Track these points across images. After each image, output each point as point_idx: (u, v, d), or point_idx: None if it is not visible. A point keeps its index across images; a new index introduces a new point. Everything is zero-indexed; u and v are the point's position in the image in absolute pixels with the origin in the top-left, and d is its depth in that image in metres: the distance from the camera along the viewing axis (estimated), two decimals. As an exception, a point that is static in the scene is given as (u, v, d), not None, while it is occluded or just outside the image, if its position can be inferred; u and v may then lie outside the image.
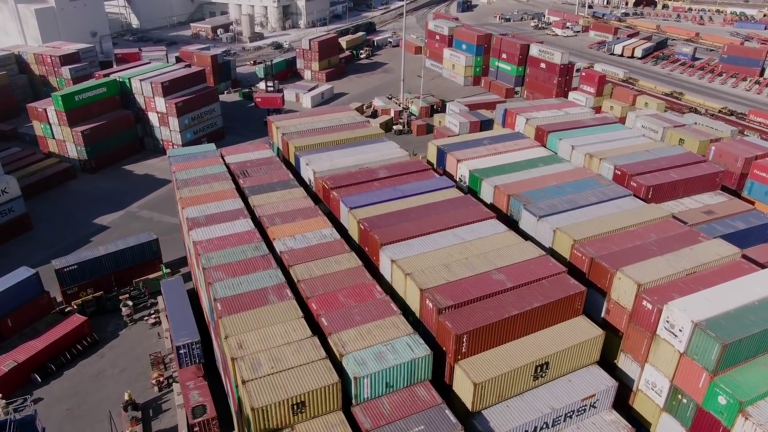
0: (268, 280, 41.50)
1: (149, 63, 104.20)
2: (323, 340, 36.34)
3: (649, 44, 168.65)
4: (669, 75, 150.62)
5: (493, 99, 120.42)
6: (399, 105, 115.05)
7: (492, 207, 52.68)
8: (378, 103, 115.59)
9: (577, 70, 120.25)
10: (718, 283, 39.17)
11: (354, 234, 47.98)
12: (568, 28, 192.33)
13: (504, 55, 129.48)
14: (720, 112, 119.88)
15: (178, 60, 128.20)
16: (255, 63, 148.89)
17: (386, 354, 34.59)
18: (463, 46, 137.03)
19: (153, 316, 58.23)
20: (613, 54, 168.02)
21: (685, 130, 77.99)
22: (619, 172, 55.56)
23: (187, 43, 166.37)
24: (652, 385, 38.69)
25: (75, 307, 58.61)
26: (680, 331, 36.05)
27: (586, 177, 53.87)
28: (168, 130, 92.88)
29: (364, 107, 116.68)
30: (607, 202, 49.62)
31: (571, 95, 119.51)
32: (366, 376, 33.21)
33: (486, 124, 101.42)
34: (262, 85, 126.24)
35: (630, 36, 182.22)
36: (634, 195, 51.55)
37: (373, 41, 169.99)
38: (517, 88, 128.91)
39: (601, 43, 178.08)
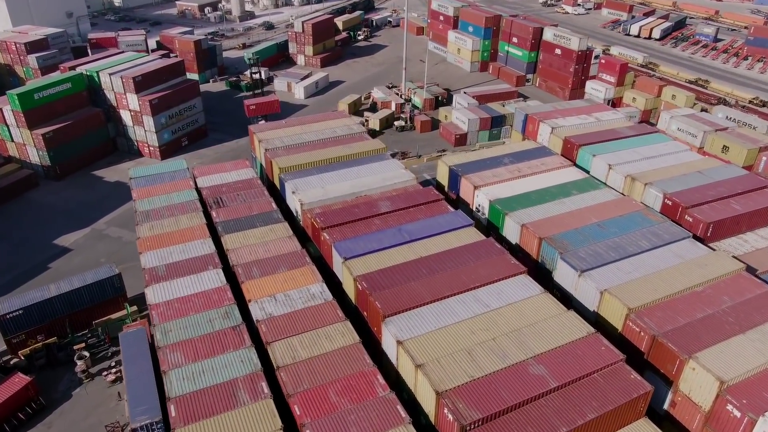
0: (240, 367, 32.33)
1: (123, 53, 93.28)
2: (309, 463, 27.40)
3: (667, 24, 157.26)
4: (691, 59, 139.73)
5: (503, 89, 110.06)
6: (400, 96, 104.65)
7: (517, 247, 43.39)
8: (377, 94, 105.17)
9: (596, 57, 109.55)
10: (825, 378, 30.16)
11: (350, 291, 38.72)
12: (579, 5, 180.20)
13: (515, 39, 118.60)
14: (751, 102, 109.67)
15: (159, 45, 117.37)
16: (244, 46, 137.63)
17: (393, 494, 25.66)
18: (470, 29, 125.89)
19: (113, 370, 49.15)
20: (628, 34, 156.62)
21: (729, 135, 68.09)
22: (670, 203, 46.09)
23: (172, 23, 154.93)
24: None
25: (22, 358, 49.52)
26: (784, 454, 27.09)
27: (632, 211, 44.42)
28: (143, 130, 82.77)
29: (363, 98, 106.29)
30: (663, 248, 40.34)
31: (589, 85, 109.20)
32: None
33: (497, 121, 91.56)
34: (250, 72, 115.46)
35: (646, 14, 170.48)
36: (693, 236, 42.17)
37: (372, 21, 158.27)
38: (529, 76, 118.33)
39: (615, 22, 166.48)
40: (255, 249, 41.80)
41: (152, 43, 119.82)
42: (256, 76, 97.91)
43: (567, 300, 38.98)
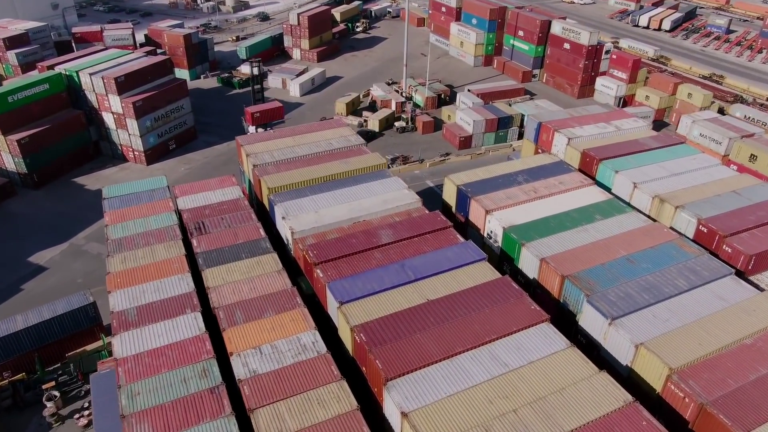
0: (218, 443, 27.59)
1: (106, 50, 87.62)
2: None
3: (677, 15, 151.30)
4: (703, 52, 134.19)
5: (508, 85, 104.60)
6: (401, 93, 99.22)
7: (535, 283, 38.56)
8: (377, 92, 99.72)
9: (606, 52, 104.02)
10: None
11: (347, 341, 33.89)
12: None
13: (521, 33, 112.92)
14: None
15: (147, 39, 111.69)
16: (238, 39, 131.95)
17: None
18: (473, 21, 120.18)
19: (86, 413, 44.45)
20: (637, 26, 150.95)
21: (756, 142, 63.12)
22: (705, 230, 41.18)
23: (163, 14, 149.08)
24: None
25: (-15, 398, 44.84)
26: None
27: (664, 241, 39.46)
28: (126, 133, 77.52)
29: (361, 96, 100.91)
30: (702, 288, 35.46)
31: (599, 81, 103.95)
32: None
33: (504, 122, 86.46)
34: (244, 68, 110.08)
35: (655, 4, 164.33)
36: (736, 271, 37.29)
37: (371, 11, 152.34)
38: (535, 71, 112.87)
39: (623, 12, 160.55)
40: (239, 287, 36.93)
41: (141, 37, 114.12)
42: (255, 68, 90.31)
43: (593, 348, 34.29)
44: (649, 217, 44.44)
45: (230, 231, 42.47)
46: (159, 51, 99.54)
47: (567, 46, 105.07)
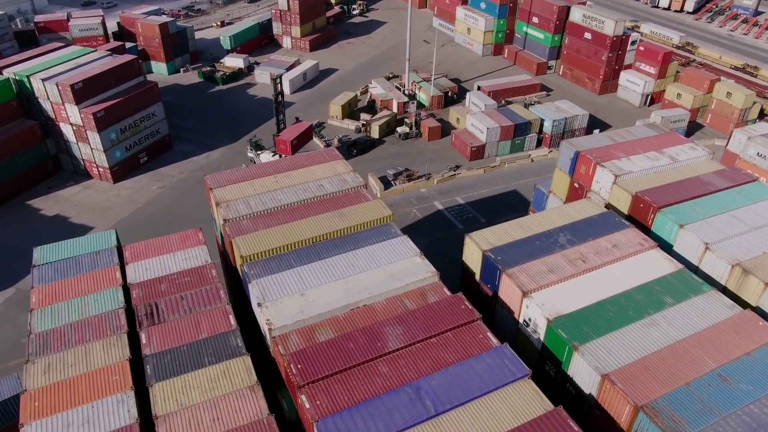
0: None
1: (65, 47, 76.30)
2: None
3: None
4: (730, 37, 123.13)
5: (522, 80, 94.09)
6: (403, 91, 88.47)
7: (593, 400, 29.02)
8: (376, 90, 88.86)
9: (633, 43, 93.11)
10: None
11: None
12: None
13: (535, 19, 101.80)
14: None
15: (120, 29, 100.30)
16: (223, 24, 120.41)
17: None
18: (482, 5, 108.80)
19: None
20: (656, 6, 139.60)
21: (828, 166, 53.27)
22: (809, 321, 31.53)
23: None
24: None
25: None
26: None
27: (763, 343, 29.78)
28: (89, 147, 67.10)
29: (359, 94, 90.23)
30: (828, 425, 25.96)
31: (624, 76, 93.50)
32: None
33: (521, 128, 76.25)
34: (228, 60, 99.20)
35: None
36: None
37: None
38: (551, 63, 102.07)
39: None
40: (198, 416, 27.29)
41: (113, 24, 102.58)
42: (278, 96, 72.79)
43: None
44: (725, 291, 34.90)
45: (191, 318, 32.64)
46: (129, 45, 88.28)
47: (588, 35, 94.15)
